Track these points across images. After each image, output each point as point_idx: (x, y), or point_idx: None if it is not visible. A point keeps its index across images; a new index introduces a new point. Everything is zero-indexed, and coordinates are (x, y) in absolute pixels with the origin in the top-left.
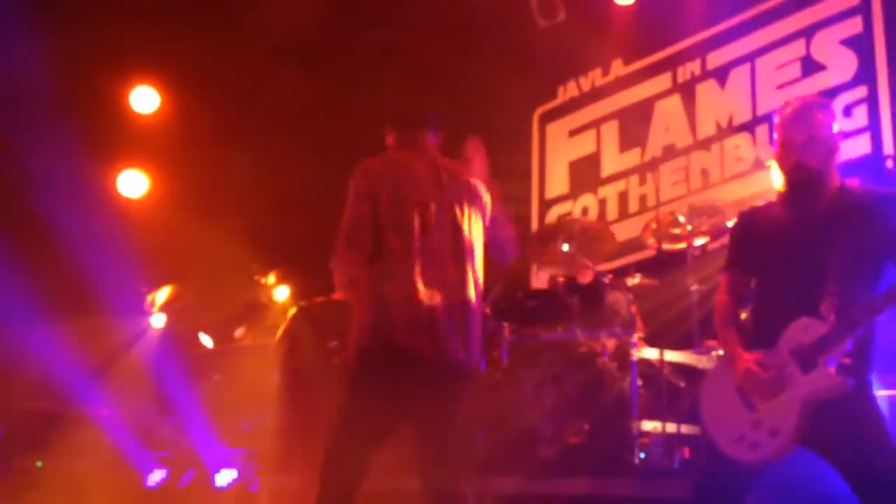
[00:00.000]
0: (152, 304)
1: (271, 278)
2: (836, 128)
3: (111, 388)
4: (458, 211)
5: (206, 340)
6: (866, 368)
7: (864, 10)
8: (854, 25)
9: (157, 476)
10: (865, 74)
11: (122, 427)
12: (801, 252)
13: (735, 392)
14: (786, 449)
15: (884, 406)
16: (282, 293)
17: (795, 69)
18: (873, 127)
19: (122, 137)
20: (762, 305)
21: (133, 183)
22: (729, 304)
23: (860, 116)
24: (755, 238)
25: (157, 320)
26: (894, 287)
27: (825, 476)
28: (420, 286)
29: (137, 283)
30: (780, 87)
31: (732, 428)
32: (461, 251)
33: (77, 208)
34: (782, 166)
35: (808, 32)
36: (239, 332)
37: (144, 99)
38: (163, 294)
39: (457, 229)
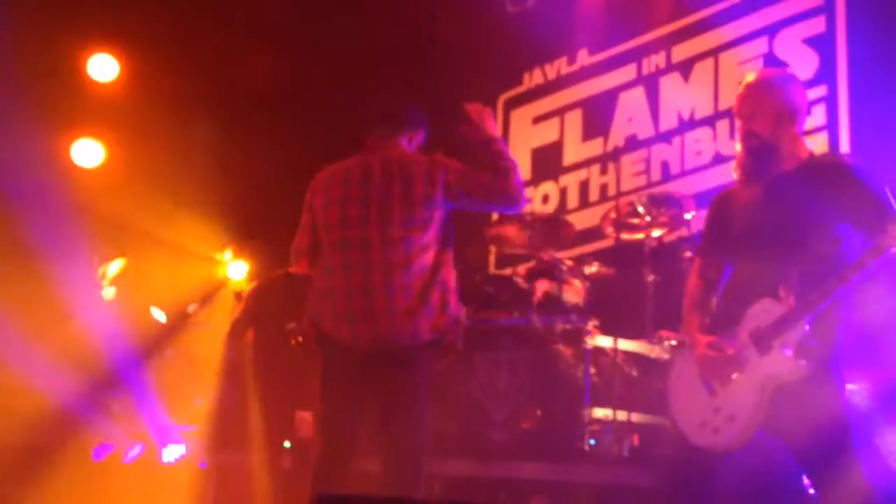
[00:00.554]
0: (103, 276)
1: (228, 254)
2: (795, 97)
3: (57, 359)
4: (389, 203)
5: (159, 315)
6: (829, 350)
7: (827, 10)
8: (817, 25)
9: (103, 450)
10: (826, 74)
11: (70, 399)
12: (764, 230)
13: (698, 378)
14: (744, 434)
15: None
16: (239, 270)
17: (758, 66)
18: (831, 126)
19: (79, 106)
20: (730, 287)
21: (88, 152)
22: (698, 288)
23: (819, 115)
24: (725, 220)
25: (108, 293)
26: (849, 268)
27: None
28: (340, 278)
29: (90, 255)
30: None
31: (695, 414)
32: (389, 240)
33: (30, 176)
34: (740, 140)
35: (771, 30)
36: (193, 308)
37: (103, 67)
38: (115, 267)
39: (385, 221)
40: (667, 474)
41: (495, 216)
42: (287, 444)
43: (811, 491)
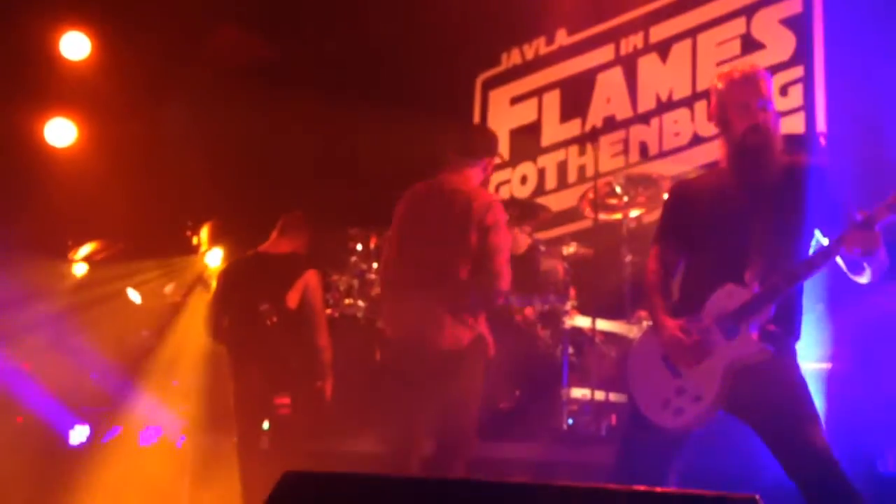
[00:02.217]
0: (75, 254)
1: (203, 233)
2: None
3: (25, 343)
4: (437, 226)
5: (135, 296)
6: (790, 335)
7: None
8: (794, 6)
9: (79, 434)
10: (803, 54)
11: (38, 385)
12: (735, 218)
13: (661, 359)
14: (708, 414)
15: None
16: (214, 255)
17: (735, 46)
18: (808, 106)
19: (51, 84)
20: (691, 273)
21: (61, 132)
22: (658, 272)
23: (795, 96)
24: (688, 208)
25: (78, 269)
26: (816, 255)
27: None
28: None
29: (62, 236)
30: (720, 63)
31: (657, 394)
32: (432, 260)
33: (0, 154)
34: (731, 129)
35: (749, 10)
36: (168, 289)
37: (75, 45)
38: (87, 247)
39: (431, 241)
40: (625, 453)
41: None
42: (266, 424)
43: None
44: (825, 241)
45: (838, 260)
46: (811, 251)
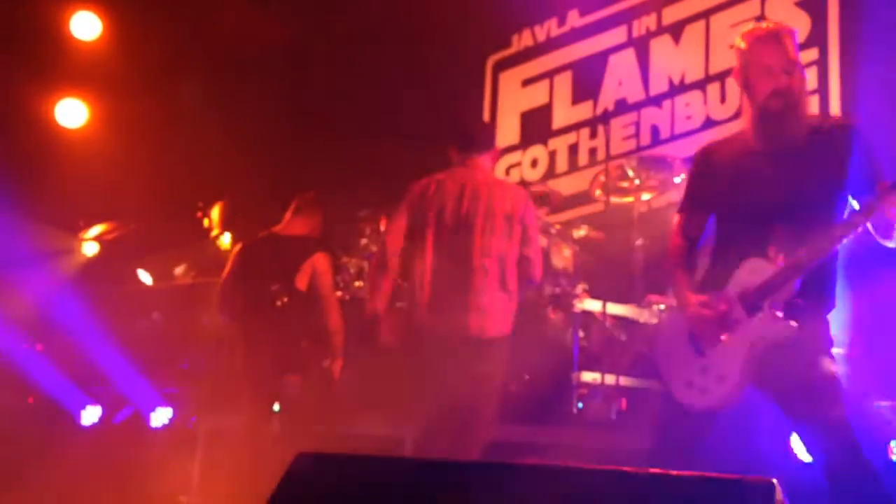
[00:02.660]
0: (85, 233)
1: (215, 215)
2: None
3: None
4: (475, 216)
5: (145, 277)
6: (821, 306)
7: None
8: None
9: (91, 414)
10: (818, 36)
11: (50, 365)
12: (758, 188)
13: (686, 338)
14: (733, 395)
15: None
16: (225, 240)
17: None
18: (822, 89)
19: (62, 65)
20: (718, 246)
21: (72, 112)
22: (681, 247)
23: (810, 78)
24: (713, 175)
25: (89, 248)
26: (841, 225)
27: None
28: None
29: (74, 217)
30: (733, 46)
31: (683, 374)
32: (471, 247)
33: (12, 136)
34: (754, 93)
35: None
36: (179, 270)
37: (86, 25)
38: (98, 228)
39: (469, 228)
40: (657, 435)
41: None
42: (276, 406)
43: (795, 447)
44: (857, 206)
45: (868, 225)
46: (845, 215)
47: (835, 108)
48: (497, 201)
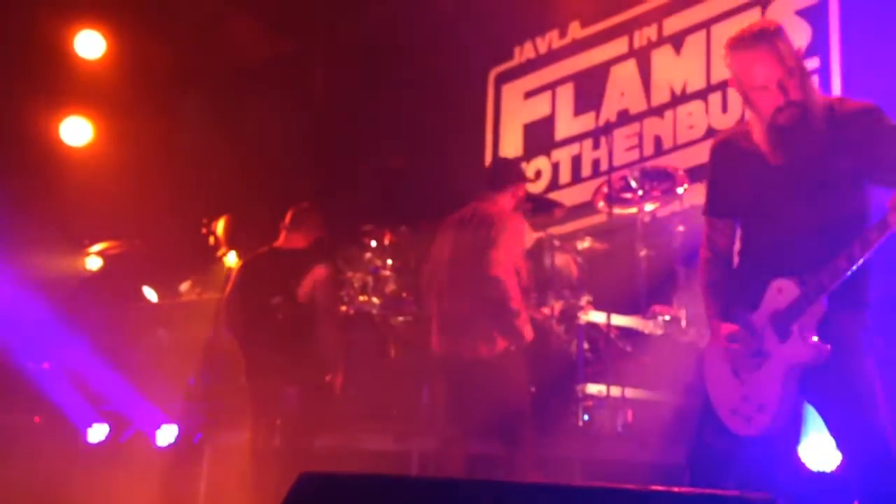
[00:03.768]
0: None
1: (219, 230)
2: (791, 40)
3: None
4: (464, 246)
5: (150, 294)
6: (857, 314)
7: None
8: None
9: (98, 432)
10: (819, 45)
11: (61, 380)
12: (778, 202)
13: (727, 363)
14: (776, 423)
15: None
16: (230, 258)
17: None
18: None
19: (66, 83)
20: (747, 258)
21: (76, 130)
22: (710, 261)
23: None
24: (734, 174)
25: (92, 263)
26: (857, 245)
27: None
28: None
29: (78, 235)
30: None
31: (728, 401)
32: (462, 275)
33: (17, 154)
34: (757, 110)
35: (764, 1)
36: (184, 287)
37: (90, 44)
38: (102, 245)
39: (460, 260)
40: (697, 453)
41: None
42: (279, 421)
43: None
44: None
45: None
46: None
47: None
48: (482, 231)
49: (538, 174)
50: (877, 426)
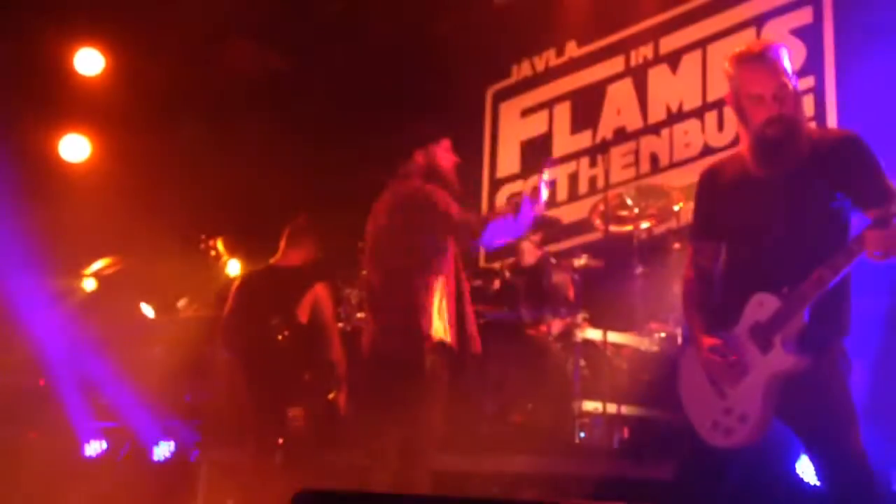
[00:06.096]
0: (86, 269)
1: (219, 245)
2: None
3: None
4: (383, 225)
5: (148, 310)
6: (835, 333)
7: (814, 0)
8: (804, 16)
9: (95, 447)
10: (813, 65)
11: (64, 394)
12: (762, 218)
13: (706, 378)
14: (757, 433)
15: None
16: (232, 267)
17: None
18: (819, 117)
19: (66, 100)
20: (729, 276)
21: (75, 147)
22: (693, 281)
23: (807, 106)
24: (720, 200)
25: (88, 284)
26: (840, 256)
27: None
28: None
29: (76, 251)
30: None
31: (707, 414)
32: (386, 257)
33: (16, 170)
34: (748, 121)
35: (759, 21)
36: (182, 303)
37: (89, 61)
38: (99, 263)
39: (381, 241)
40: (682, 472)
41: (484, 206)
42: (280, 440)
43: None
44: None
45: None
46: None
47: None
48: None
49: (535, 192)
50: (853, 440)
